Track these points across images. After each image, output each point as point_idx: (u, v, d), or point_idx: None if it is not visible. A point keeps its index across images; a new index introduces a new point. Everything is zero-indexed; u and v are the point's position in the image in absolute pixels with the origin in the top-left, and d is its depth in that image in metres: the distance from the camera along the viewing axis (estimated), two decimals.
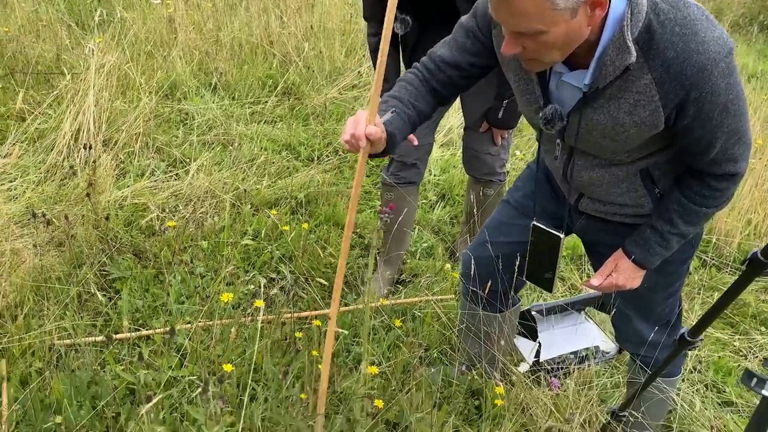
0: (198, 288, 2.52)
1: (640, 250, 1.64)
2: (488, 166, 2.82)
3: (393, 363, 2.24)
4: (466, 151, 2.86)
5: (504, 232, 1.97)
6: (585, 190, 1.74)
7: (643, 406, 2.00)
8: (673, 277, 1.78)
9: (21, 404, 1.90)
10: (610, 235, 1.77)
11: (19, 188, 3.02)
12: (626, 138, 1.49)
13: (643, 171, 1.60)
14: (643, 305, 1.84)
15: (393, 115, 1.57)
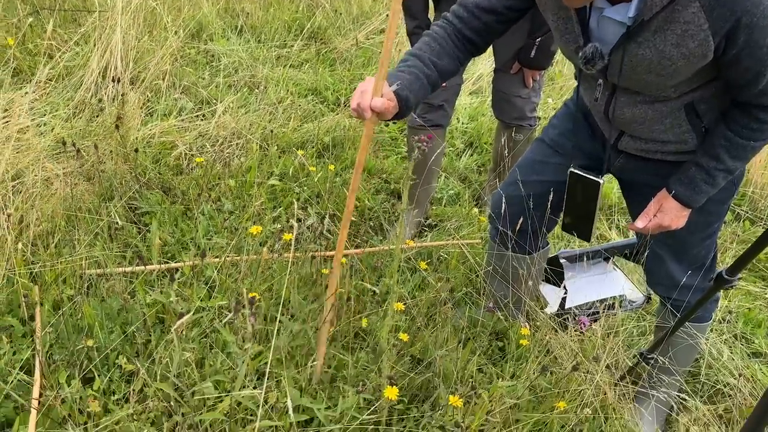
0: (226, 222, 2.53)
1: (685, 189, 1.60)
2: (518, 109, 2.75)
3: (418, 301, 2.24)
4: (495, 95, 2.80)
5: (537, 171, 1.93)
6: (626, 128, 1.69)
7: (671, 351, 1.99)
8: (712, 217, 1.74)
9: (54, 327, 1.94)
10: (650, 174, 1.72)
11: (49, 124, 3.03)
12: (673, 72, 1.43)
13: (688, 106, 1.55)
14: (679, 246, 1.80)
15: (410, 78, 1.52)
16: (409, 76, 1.54)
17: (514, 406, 1.85)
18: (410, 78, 1.53)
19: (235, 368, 1.72)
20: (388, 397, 1.63)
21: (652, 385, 2.05)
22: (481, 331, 2.21)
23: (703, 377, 2.23)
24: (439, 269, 2.56)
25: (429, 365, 1.97)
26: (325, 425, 1.68)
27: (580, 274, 2.59)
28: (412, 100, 1.53)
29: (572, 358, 2.06)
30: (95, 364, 1.84)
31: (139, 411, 1.68)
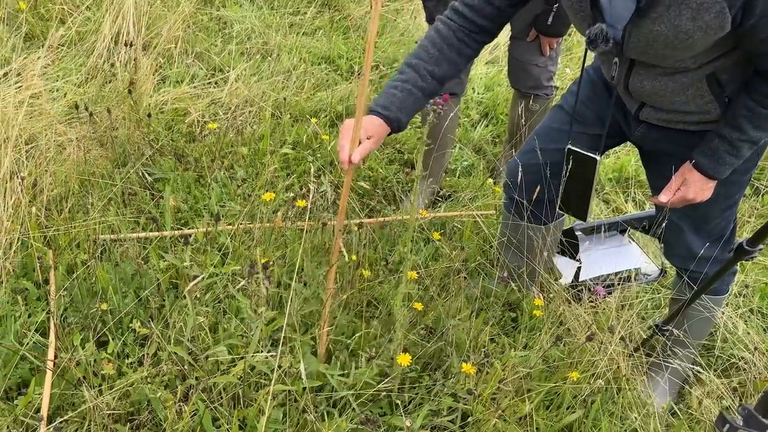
0: (239, 189, 2.52)
1: (708, 161, 1.57)
2: (534, 78, 2.70)
3: (431, 271, 2.23)
4: (511, 63, 2.74)
5: (555, 139, 1.90)
6: (647, 100, 1.65)
7: (687, 323, 1.97)
8: (734, 188, 1.70)
9: (68, 291, 1.95)
10: (672, 143, 1.68)
11: (61, 89, 3.01)
12: (690, 45, 1.39)
13: (709, 76, 1.50)
14: (699, 217, 1.77)
15: (402, 95, 1.55)
16: (401, 94, 1.56)
17: (526, 375, 1.85)
18: (402, 96, 1.56)
19: (248, 333, 1.73)
20: (401, 364, 1.63)
21: (665, 358, 2.04)
22: (494, 301, 2.20)
23: (717, 351, 2.21)
24: (453, 239, 2.54)
25: (441, 334, 1.97)
26: (338, 391, 1.68)
27: (596, 246, 2.56)
28: (405, 120, 1.56)
29: (586, 330, 2.05)
30: (109, 328, 1.85)
31: (153, 374, 1.69)
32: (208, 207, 2.44)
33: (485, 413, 1.72)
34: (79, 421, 1.62)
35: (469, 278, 2.36)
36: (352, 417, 1.64)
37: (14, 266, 2.04)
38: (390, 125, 1.54)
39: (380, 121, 1.53)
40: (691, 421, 1.99)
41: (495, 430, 1.71)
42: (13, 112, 2.50)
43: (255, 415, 1.59)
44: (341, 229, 1.62)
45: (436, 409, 1.75)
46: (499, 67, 3.92)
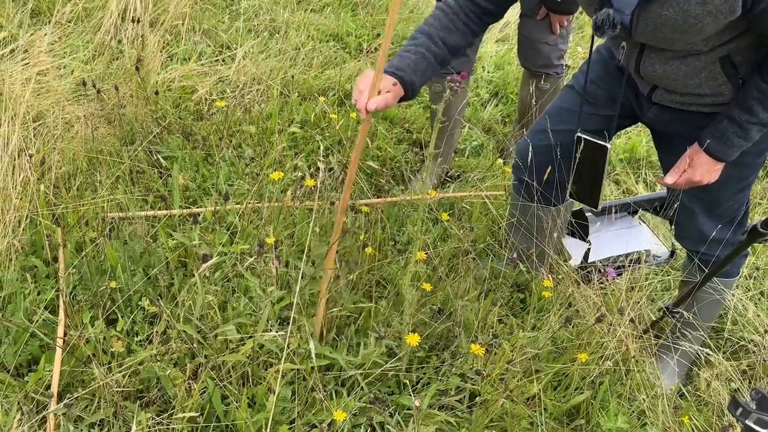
0: (247, 168, 2.51)
1: (716, 143, 1.54)
2: (544, 56, 2.66)
3: (440, 252, 2.22)
4: (521, 41, 2.70)
5: (566, 120, 1.87)
6: (660, 83, 1.62)
7: (696, 306, 1.96)
8: (747, 170, 1.68)
9: (77, 269, 1.95)
10: (685, 125, 1.66)
11: (69, 66, 3.00)
12: (701, 29, 1.37)
13: (723, 59, 1.47)
14: (711, 200, 1.75)
15: (416, 58, 1.52)
16: (415, 57, 1.53)
17: (534, 356, 1.84)
18: (416, 58, 1.53)
19: (257, 312, 1.73)
20: (410, 344, 1.63)
21: (675, 340, 2.03)
22: (503, 282, 2.19)
23: (727, 333, 2.20)
24: (462, 220, 2.53)
25: (450, 315, 1.96)
26: (347, 371, 1.68)
27: (606, 227, 2.54)
28: (418, 83, 1.53)
29: (595, 311, 2.04)
30: (118, 306, 1.85)
31: (162, 352, 1.70)
32: (216, 186, 2.44)
33: (493, 393, 1.72)
34: (89, 398, 1.63)
35: (478, 259, 2.35)
36: (361, 396, 1.65)
37: (23, 244, 2.04)
38: (405, 87, 1.50)
39: (395, 81, 1.49)
40: (699, 403, 1.99)
41: (502, 410, 1.71)
42: (20, 89, 2.49)
43: (264, 393, 1.60)
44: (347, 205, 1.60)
45: (444, 389, 1.75)
46: (510, 45, 3.87)
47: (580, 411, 1.83)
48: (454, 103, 2.60)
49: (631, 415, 1.83)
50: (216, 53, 3.39)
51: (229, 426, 1.60)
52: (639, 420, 1.84)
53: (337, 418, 1.47)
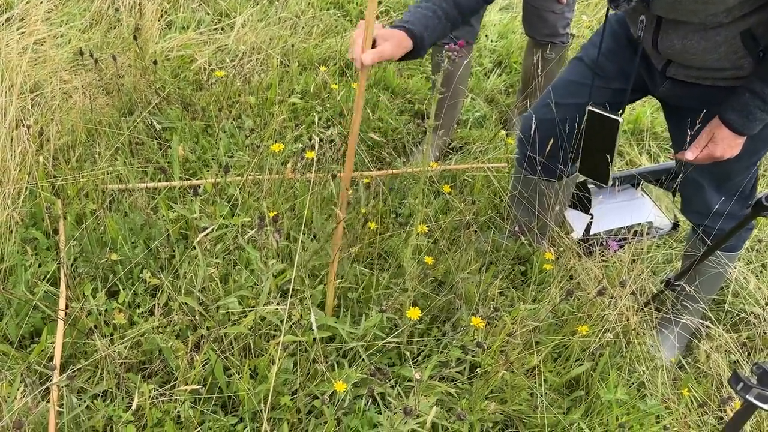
0: (247, 140, 2.49)
1: (738, 116, 1.51)
2: (550, 25, 2.61)
3: (442, 225, 2.21)
4: (526, 9, 2.65)
5: (573, 93, 1.84)
6: (677, 58, 1.58)
7: (698, 279, 1.95)
8: (760, 144, 1.65)
9: (77, 241, 1.95)
10: (699, 100, 1.62)
11: (66, 35, 2.95)
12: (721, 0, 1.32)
13: (744, 32, 1.43)
14: (722, 173, 1.72)
15: (426, 14, 1.46)
16: (425, 12, 1.47)
17: (535, 328, 1.85)
18: (427, 14, 1.47)
19: (259, 284, 1.73)
20: (410, 317, 1.63)
21: (675, 312, 2.03)
22: (504, 255, 2.18)
23: (727, 305, 2.20)
24: (464, 193, 2.51)
25: (451, 287, 1.96)
26: (348, 342, 1.69)
27: (608, 199, 2.52)
28: (428, 40, 1.47)
29: (596, 284, 2.04)
30: (120, 278, 1.85)
31: (164, 324, 1.70)
32: (216, 157, 2.42)
33: (493, 365, 1.73)
34: (92, 370, 1.64)
35: (480, 232, 2.34)
36: (362, 367, 1.66)
37: (23, 216, 2.03)
38: (414, 40, 1.44)
39: (403, 34, 1.43)
40: (698, 375, 2.00)
41: (503, 381, 1.73)
42: (17, 58, 2.46)
43: (266, 365, 1.60)
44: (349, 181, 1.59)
45: (444, 361, 1.76)
46: (514, 13, 3.81)
47: (579, 382, 1.84)
48: (455, 73, 2.56)
49: (631, 386, 1.84)
50: (215, 21, 3.33)
51: (231, 397, 1.62)
52: (639, 391, 1.85)
53: (338, 389, 1.48)
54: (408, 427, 1.33)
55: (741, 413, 1.07)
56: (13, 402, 1.47)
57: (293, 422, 1.58)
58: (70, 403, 1.46)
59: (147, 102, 2.57)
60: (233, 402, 1.62)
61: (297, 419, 1.58)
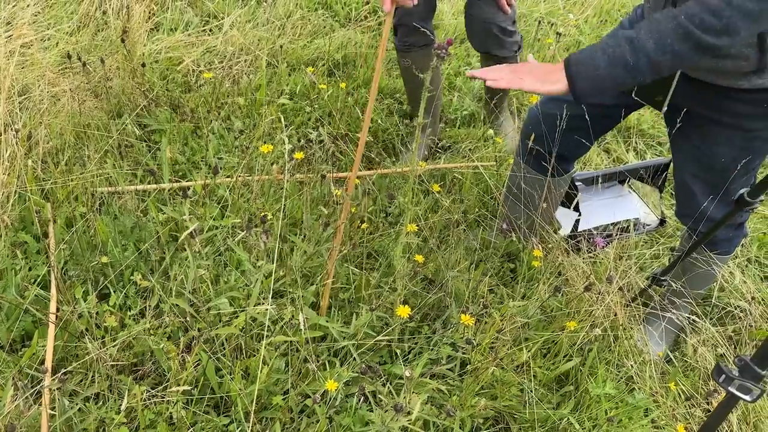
0: (237, 141, 2.50)
1: (580, 52, 1.38)
2: (500, 40, 2.57)
3: (431, 223, 2.22)
4: (471, 25, 2.56)
5: None
6: None
7: (685, 276, 1.97)
8: (754, 154, 1.63)
9: (67, 244, 1.95)
10: (699, 102, 1.59)
11: (53, 38, 2.95)
12: None
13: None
14: (715, 183, 1.71)
15: None
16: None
17: (524, 325, 1.87)
18: None
19: (249, 285, 1.74)
20: (401, 316, 1.65)
21: (663, 307, 2.06)
22: (493, 252, 2.20)
23: (714, 300, 2.23)
24: (453, 191, 2.53)
25: (441, 286, 1.98)
26: (339, 341, 1.70)
27: (596, 196, 2.55)
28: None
29: (584, 280, 2.06)
30: (110, 281, 1.86)
31: (156, 326, 1.71)
32: (205, 159, 2.42)
33: (483, 362, 1.74)
34: (83, 373, 1.64)
35: (469, 230, 2.36)
36: (354, 366, 1.67)
37: (12, 220, 2.03)
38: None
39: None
40: (686, 369, 2.03)
41: (493, 377, 1.74)
42: (4, 62, 2.45)
43: (257, 365, 1.61)
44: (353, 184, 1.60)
45: (435, 358, 1.78)
46: None
47: (569, 377, 1.86)
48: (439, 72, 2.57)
49: (619, 381, 1.86)
50: (203, 23, 3.34)
51: (224, 398, 1.63)
52: (627, 386, 1.87)
53: (330, 388, 1.49)
54: (399, 424, 1.35)
55: (724, 404, 1.09)
56: (4, 406, 1.48)
57: (285, 422, 1.59)
58: (62, 406, 1.47)
59: (135, 104, 2.57)
60: (225, 402, 1.63)
61: (289, 418, 1.60)
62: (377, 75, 1.53)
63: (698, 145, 1.67)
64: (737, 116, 1.56)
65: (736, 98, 1.53)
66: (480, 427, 1.71)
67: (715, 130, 1.62)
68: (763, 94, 1.49)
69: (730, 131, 1.59)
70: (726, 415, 1.12)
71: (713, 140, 1.63)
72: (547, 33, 3.64)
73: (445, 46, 1.32)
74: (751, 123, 1.56)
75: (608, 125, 1.93)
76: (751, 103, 1.52)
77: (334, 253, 1.73)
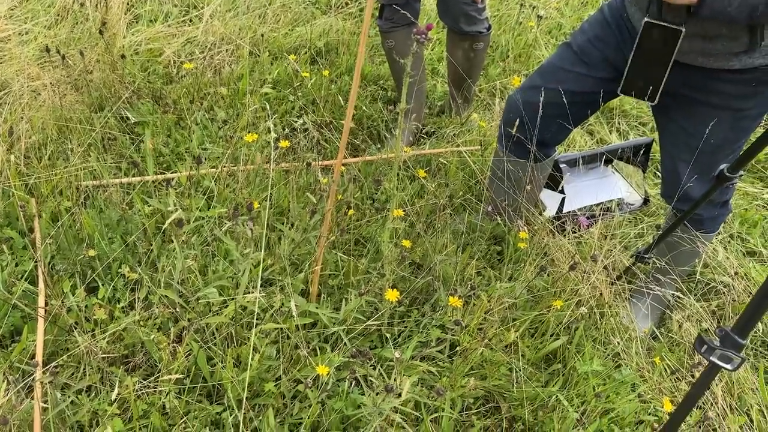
0: (221, 131, 2.49)
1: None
2: (471, 17, 2.58)
3: (418, 208, 2.24)
4: (443, 2, 2.58)
5: (560, 79, 1.83)
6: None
7: (670, 254, 2.00)
8: (741, 134, 1.65)
9: (53, 239, 1.94)
10: (685, 84, 1.60)
11: (31, 31, 2.91)
12: None
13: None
14: (704, 163, 1.72)
15: None
16: None
17: (511, 305, 1.89)
18: None
19: (237, 274, 1.74)
20: (390, 300, 1.66)
21: (648, 285, 2.09)
22: (480, 236, 2.22)
23: (698, 276, 2.27)
24: (438, 176, 2.54)
25: (429, 270, 2.00)
26: (329, 327, 1.71)
27: (580, 177, 2.58)
28: None
29: (569, 260, 2.09)
30: (98, 274, 1.85)
31: (145, 317, 1.71)
32: (189, 150, 2.42)
33: (472, 343, 1.77)
34: (74, 366, 1.64)
35: (455, 214, 2.38)
36: (344, 351, 1.68)
37: None
38: None
39: None
40: (671, 344, 2.06)
41: (482, 358, 1.77)
42: None
43: (249, 353, 1.62)
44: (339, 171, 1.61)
45: (425, 341, 1.80)
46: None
47: (556, 356, 1.89)
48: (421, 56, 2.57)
49: (606, 357, 1.89)
50: (182, 13, 3.31)
51: (216, 386, 1.64)
52: (614, 362, 1.91)
53: (321, 373, 1.51)
54: (390, 405, 1.36)
55: (706, 374, 1.11)
56: None
57: (278, 407, 1.60)
58: (54, 398, 1.47)
59: (117, 97, 2.55)
60: (218, 391, 1.64)
61: (281, 404, 1.61)
62: (360, 61, 1.53)
63: (686, 128, 1.68)
64: (726, 96, 1.57)
65: (725, 79, 1.54)
66: (470, 406, 1.74)
67: (704, 111, 1.62)
68: (752, 73, 1.51)
69: (719, 112, 1.60)
70: (708, 385, 1.15)
71: (702, 122, 1.64)
72: (528, 16, 3.65)
73: (424, 31, 1.32)
74: (740, 103, 1.58)
75: (588, 112, 1.95)
76: (740, 83, 1.53)
77: (323, 240, 1.74)
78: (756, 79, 1.51)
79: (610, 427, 1.75)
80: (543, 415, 1.73)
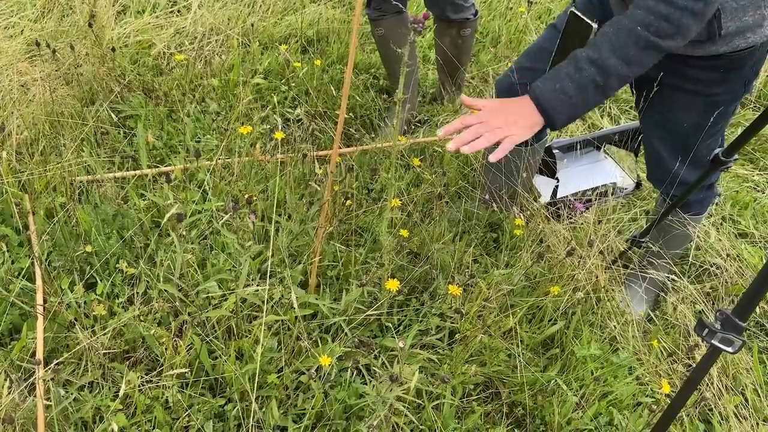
0: (214, 123, 2.47)
1: (542, 82, 1.36)
2: (457, 5, 2.58)
3: (414, 197, 2.24)
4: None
5: (545, 59, 1.85)
6: None
7: (662, 238, 2.03)
8: (715, 118, 1.66)
9: (50, 235, 1.93)
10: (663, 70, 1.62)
11: (18, 25, 2.87)
12: None
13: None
14: (681, 144, 1.75)
15: None
16: None
17: (509, 292, 1.91)
18: None
19: (237, 267, 1.75)
20: (389, 289, 1.67)
21: (642, 268, 2.11)
22: (476, 223, 2.23)
23: (691, 258, 2.29)
24: (434, 165, 2.55)
25: (427, 258, 2.01)
26: (330, 318, 1.72)
27: (573, 163, 2.59)
28: None
29: (565, 246, 2.10)
30: (96, 269, 1.85)
31: (145, 312, 1.71)
32: (183, 143, 2.40)
33: (471, 330, 1.78)
34: (76, 362, 1.64)
35: (451, 202, 2.39)
36: (346, 341, 1.69)
37: None
38: None
39: None
40: (667, 327, 2.09)
41: (481, 344, 1.78)
42: None
43: (250, 345, 1.63)
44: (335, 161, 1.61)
45: (424, 329, 1.81)
46: None
47: (554, 341, 1.91)
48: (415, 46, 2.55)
49: (603, 341, 1.92)
50: (170, 4, 3.27)
51: (219, 379, 1.64)
52: (611, 346, 1.93)
53: (324, 363, 1.52)
54: (394, 394, 1.38)
55: (707, 357, 1.13)
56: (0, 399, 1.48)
57: (281, 398, 1.61)
58: (57, 396, 1.47)
59: (108, 90, 2.53)
60: (221, 384, 1.65)
61: (285, 395, 1.62)
62: (352, 51, 1.53)
63: (662, 111, 1.72)
64: (697, 82, 1.61)
65: (695, 65, 1.58)
66: (471, 392, 1.76)
67: (677, 96, 1.67)
68: (717, 60, 1.54)
69: (691, 97, 1.65)
70: (709, 368, 1.16)
71: (676, 106, 1.69)
72: (518, 1, 3.64)
73: (421, 20, 1.32)
74: (710, 88, 1.62)
75: None
76: (709, 69, 1.57)
77: (321, 231, 1.74)
78: (723, 66, 1.55)
79: (608, 409, 1.78)
80: (542, 399, 1.75)
